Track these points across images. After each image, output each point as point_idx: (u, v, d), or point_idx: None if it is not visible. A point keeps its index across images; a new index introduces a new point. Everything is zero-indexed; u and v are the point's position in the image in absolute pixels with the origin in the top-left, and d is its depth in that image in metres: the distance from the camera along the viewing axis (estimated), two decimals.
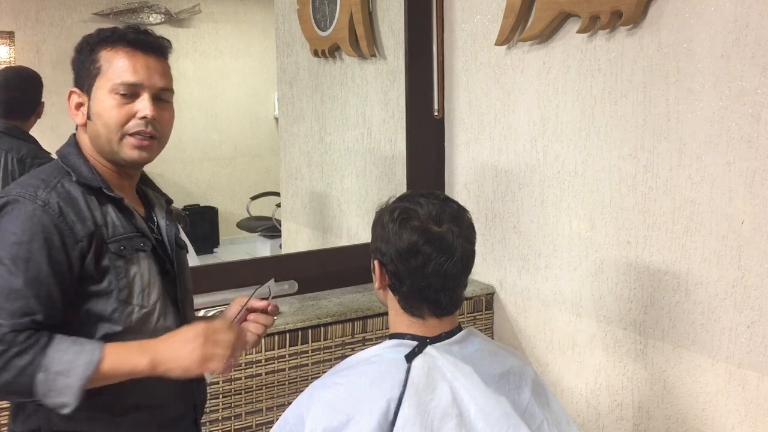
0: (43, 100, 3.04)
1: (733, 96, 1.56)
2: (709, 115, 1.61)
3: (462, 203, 1.31)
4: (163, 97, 1.31)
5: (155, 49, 1.31)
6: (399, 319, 1.29)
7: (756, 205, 1.54)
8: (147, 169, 1.41)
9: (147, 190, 1.45)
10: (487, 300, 2.27)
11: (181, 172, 3.91)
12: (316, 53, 2.84)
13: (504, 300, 2.25)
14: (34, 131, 4.34)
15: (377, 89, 2.59)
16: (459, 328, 1.31)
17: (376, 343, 1.36)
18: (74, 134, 1.35)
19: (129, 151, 1.28)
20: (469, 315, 2.24)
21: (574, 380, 2.02)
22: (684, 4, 1.64)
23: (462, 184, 2.37)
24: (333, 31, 2.66)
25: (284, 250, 3.26)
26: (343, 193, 2.83)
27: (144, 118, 1.26)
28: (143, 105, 1.27)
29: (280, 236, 3.37)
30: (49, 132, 4.40)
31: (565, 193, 1.99)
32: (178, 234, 1.46)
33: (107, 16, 4.47)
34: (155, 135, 1.29)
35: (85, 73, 1.29)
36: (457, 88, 2.34)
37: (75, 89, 1.31)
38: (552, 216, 2.03)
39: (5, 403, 1.63)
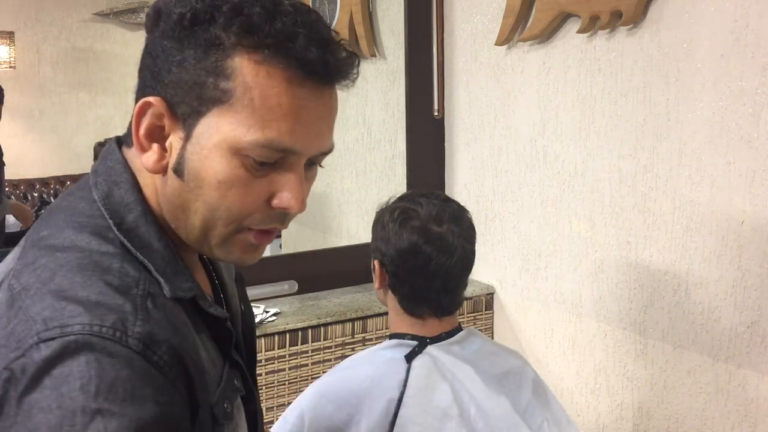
0: (3, 101, 3.04)
1: (733, 96, 1.56)
2: (709, 115, 1.61)
3: (462, 203, 1.31)
4: (317, 162, 0.75)
5: (340, 78, 0.72)
6: (399, 319, 1.29)
7: (756, 205, 1.54)
8: None
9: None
10: (487, 300, 2.27)
11: None
12: None
13: (504, 300, 2.25)
14: (31, 133, 4.34)
15: (377, 89, 2.59)
16: (459, 329, 1.31)
17: (376, 343, 1.37)
18: (123, 157, 0.74)
19: (237, 252, 0.73)
20: (469, 315, 2.24)
21: (574, 380, 2.02)
22: (684, 4, 1.64)
23: (462, 184, 2.37)
24: None
25: (284, 250, 3.26)
26: (343, 193, 2.83)
27: (287, 210, 0.71)
28: (291, 191, 0.70)
29: (280, 236, 3.36)
30: (50, 133, 4.40)
31: (565, 193, 1.99)
32: (254, 325, 0.95)
33: (107, 16, 4.47)
34: (287, 225, 0.75)
35: (188, 80, 0.68)
36: (457, 88, 2.34)
37: (157, 100, 0.69)
38: (552, 216, 2.03)
39: None
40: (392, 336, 1.30)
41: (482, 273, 2.30)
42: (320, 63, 0.67)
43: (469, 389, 1.23)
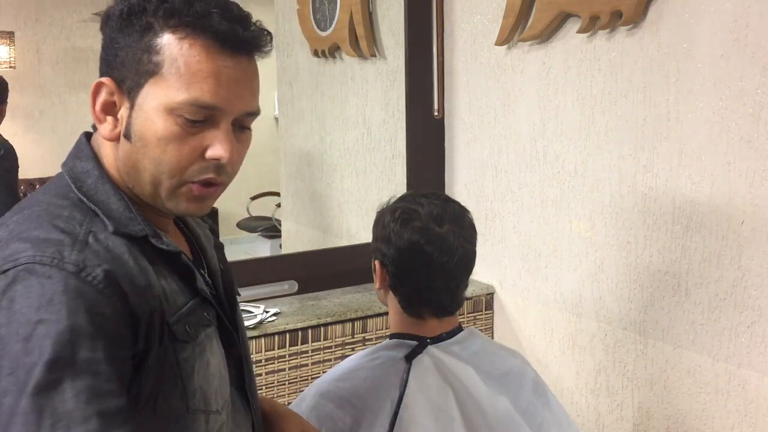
0: (7, 100, 3.06)
1: (733, 96, 1.56)
2: (709, 115, 1.61)
3: (462, 203, 1.31)
4: (245, 124, 0.87)
5: (252, 48, 0.85)
6: (399, 319, 1.29)
7: (756, 205, 1.54)
8: None
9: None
10: (487, 300, 2.27)
11: None
12: (316, 53, 2.84)
13: (504, 300, 2.25)
14: (31, 133, 4.33)
15: (377, 89, 2.59)
16: (459, 329, 1.31)
17: (376, 343, 1.36)
18: (88, 137, 0.91)
19: (184, 202, 0.86)
20: (469, 315, 2.24)
21: (574, 380, 2.02)
22: (684, 4, 1.64)
23: (462, 184, 2.37)
24: (333, 31, 2.66)
25: (284, 250, 3.26)
26: (343, 193, 2.83)
27: (217, 161, 0.83)
28: (220, 143, 0.83)
29: (280, 236, 3.37)
30: (50, 133, 4.40)
31: (565, 193, 1.99)
32: (234, 282, 1.06)
33: None
34: (225, 181, 0.87)
35: (129, 60, 0.82)
36: (457, 88, 2.34)
37: (107, 80, 0.84)
38: (552, 216, 2.03)
39: None
40: (392, 336, 1.30)
41: (482, 273, 2.30)
42: (232, 34, 0.81)
43: (469, 389, 1.23)
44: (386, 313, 1.41)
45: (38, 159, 4.23)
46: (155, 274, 0.83)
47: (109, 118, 0.85)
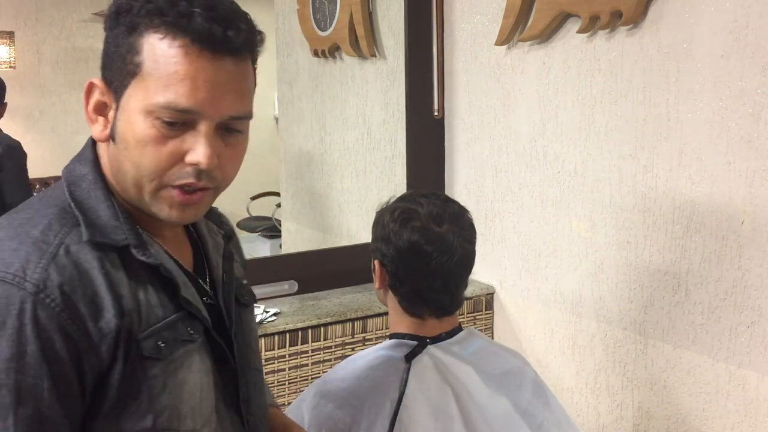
0: (6, 101, 3.08)
1: (733, 96, 1.56)
2: (709, 115, 1.61)
3: (462, 203, 1.31)
4: (234, 127, 0.84)
5: (237, 48, 0.81)
6: (399, 319, 1.29)
7: (756, 205, 1.54)
8: None
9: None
10: (487, 300, 2.27)
11: None
12: (316, 53, 2.84)
13: (504, 300, 2.25)
14: (32, 132, 4.33)
15: (377, 89, 2.59)
16: (459, 329, 1.31)
17: (376, 343, 1.36)
18: (93, 142, 0.88)
19: (166, 208, 0.83)
20: (469, 315, 2.24)
21: (574, 380, 2.02)
22: (684, 4, 1.64)
23: (462, 184, 2.37)
24: (333, 31, 2.66)
25: (284, 250, 3.26)
26: (343, 193, 2.83)
27: (195, 166, 0.81)
28: (198, 148, 0.80)
29: (280, 236, 3.36)
30: (50, 133, 4.39)
31: (565, 193, 1.99)
32: (242, 286, 1.02)
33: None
34: (210, 186, 0.83)
35: (116, 60, 0.81)
36: (457, 88, 2.34)
37: (98, 80, 0.84)
38: (552, 216, 2.03)
39: None
40: (392, 336, 1.30)
41: (482, 273, 2.30)
42: (211, 35, 0.78)
43: (469, 389, 1.23)
44: (386, 313, 1.41)
45: (38, 159, 4.23)
46: (132, 286, 0.81)
47: (101, 119, 0.84)
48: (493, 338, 2.27)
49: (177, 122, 0.79)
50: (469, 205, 1.35)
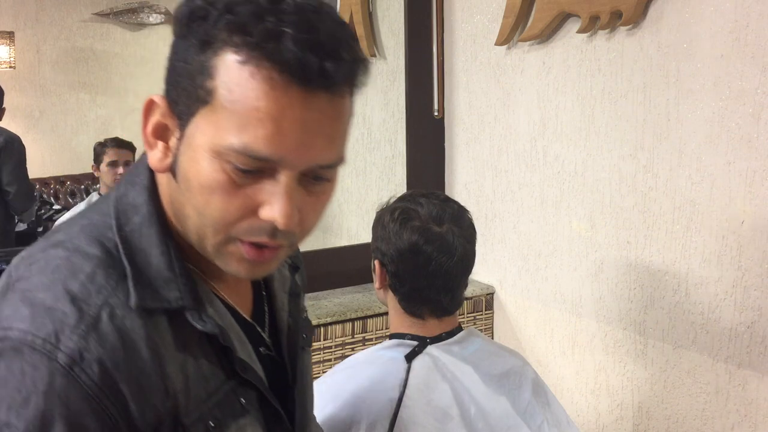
0: (4, 106, 3.11)
1: (733, 96, 1.56)
2: (709, 115, 1.61)
3: (462, 203, 1.31)
4: (322, 176, 0.70)
5: (336, 82, 0.65)
6: (399, 319, 1.29)
7: (756, 205, 1.54)
8: None
9: None
10: (487, 300, 2.27)
11: None
12: None
13: (504, 300, 2.25)
14: (31, 133, 4.33)
15: (377, 89, 2.59)
16: (459, 329, 1.31)
17: (376, 343, 1.36)
18: (148, 166, 0.73)
19: (234, 264, 0.70)
20: (469, 315, 2.24)
21: (574, 380, 2.02)
22: (684, 4, 1.64)
23: (462, 184, 2.37)
24: None
25: None
26: (343, 193, 2.83)
27: (271, 223, 0.67)
28: (276, 203, 0.66)
29: None
30: (50, 133, 4.39)
31: (565, 193, 1.98)
32: (305, 324, 0.92)
33: (107, 16, 4.47)
34: (285, 243, 0.71)
35: (184, 78, 0.66)
36: (457, 88, 2.34)
37: (159, 99, 0.69)
38: (552, 216, 2.03)
39: None
40: (392, 336, 1.30)
41: (482, 273, 2.30)
42: (304, 67, 0.62)
43: (469, 389, 1.23)
44: (386, 313, 1.41)
45: (38, 159, 4.23)
46: (180, 358, 0.68)
47: (160, 144, 0.69)
48: (493, 338, 2.27)
49: (252, 170, 0.65)
50: (469, 205, 1.35)
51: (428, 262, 1.22)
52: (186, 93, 0.66)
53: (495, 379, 1.28)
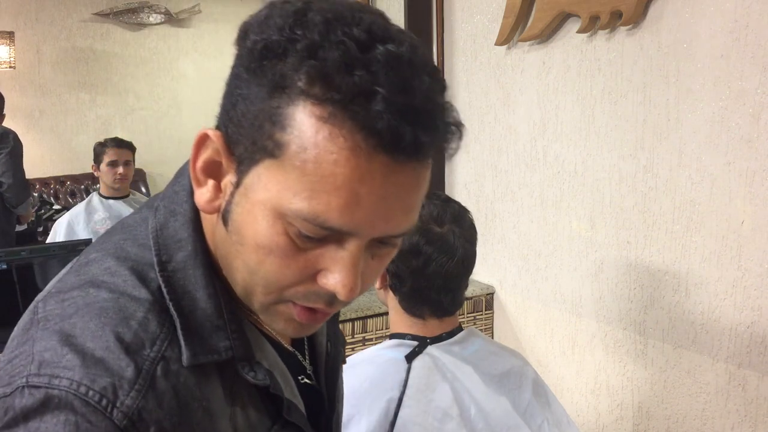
0: (4, 113, 3.14)
1: (733, 96, 1.56)
2: (709, 115, 1.61)
3: (462, 203, 1.31)
4: (390, 242, 0.62)
5: (424, 155, 0.57)
6: (399, 319, 1.29)
7: (756, 205, 1.54)
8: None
9: None
10: (487, 300, 2.27)
11: None
12: None
13: (504, 300, 2.25)
14: (31, 133, 4.33)
15: None
16: (459, 329, 1.31)
17: (376, 343, 1.36)
18: (191, 183, 0.65)
19: (281, 323, 0.64)
20: (469, 315, 2.24)
21: (574, 380, 2.02)
22: (684, 4, 1.64)
23: (462, 184, 2.37)
24: None
25: None
26: None
27: (330, 292, 0.60)
28: (338, 273, 0.59)
29: None
30: (50, 133, 4.40)
31: (565, 193, 1.99)
32: (343, 349, 0.88)
33: (107, 16, 4.47)
34: (338, 309, 0.66)
35: (248, 119, 0.57)
36: (457, 88, 2.34)
37: (215, 135, 0.60)
38: (552, 216, 2.03)
39: None
40: (392, 336, 1.30)
41: (482, 273, 2.30)
42: (395, 137, 0.53)
43: (469, 389, 1.23)
44: (386, 313, 1.41)
45: (38, 159, 4.24)
46: (229, 412, 0.63)
47: (210, 182, 0.61)
48: (493, 338, 2.27)
49: (318, 238, 0.57)
50: (469, 206, 1.35)
51: (429, 263, 1.22)
52: (250, 137, 0.57)
53: (495, 379, 1.28)
